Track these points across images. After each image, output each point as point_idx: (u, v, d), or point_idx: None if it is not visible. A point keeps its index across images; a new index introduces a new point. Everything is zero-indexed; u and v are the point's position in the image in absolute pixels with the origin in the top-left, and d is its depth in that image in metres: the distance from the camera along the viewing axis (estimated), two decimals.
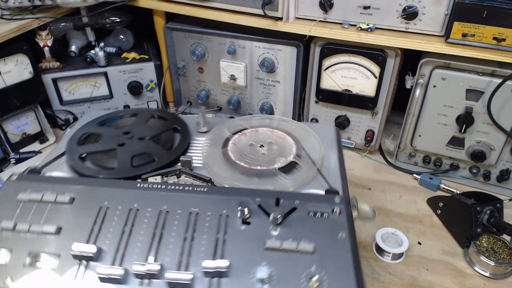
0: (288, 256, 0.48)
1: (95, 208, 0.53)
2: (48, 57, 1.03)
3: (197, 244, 0.49)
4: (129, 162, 0.64)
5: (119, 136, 0.69)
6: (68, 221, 0.52)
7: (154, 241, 0.50)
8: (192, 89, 1.16)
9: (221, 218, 0.52)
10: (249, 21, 0.93)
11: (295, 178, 0.62)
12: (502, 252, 0.75)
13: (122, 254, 0.48)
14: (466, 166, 0.94)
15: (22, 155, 0.97)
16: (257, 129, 0.74)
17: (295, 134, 0.72)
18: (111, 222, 0.52)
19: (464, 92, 0.84)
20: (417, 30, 0.85)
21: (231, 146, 0.69)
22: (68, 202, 0.54)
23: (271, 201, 0.54)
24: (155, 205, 0.53)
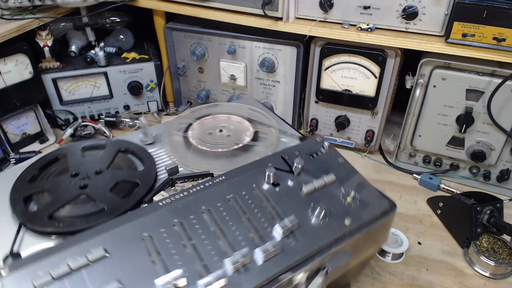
0: (323, 192, 0.57)
1: (138, 244, 0.47)
2: (48, 57, 1.03)
3: (256, 220, 0.52)
4: (113, 196, 0.58)
5: (70, 181, 0.61)
6: (121, 270, 0.45)
7: (219, 238, 0.49)
8: (192, 89, 1.16)
9: (256, 191, 0.56)
10: (249, 21, 0.93)
11: (268, 143, 0.71)
12: (502, 252, 0.75)
13: (204, 264, 0.46)
14: (466, 166, 0.94)
15: (22, 155, 0.97)
16: (202, 120, 0.78)
17: (236, 112, 0.80)
18: (165, 246, 0.47)
19: (464, 92, 0.84)
20: (417, 30, 0.85)
21: (194, 141, 0.72)
22: (103, 255, 0.46)
23: (278, 162, 0.60)
24: (194, 210, 0.52)
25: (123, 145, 0.69)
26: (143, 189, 0.60)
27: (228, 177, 0.57)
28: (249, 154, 0.69)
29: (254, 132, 0.74)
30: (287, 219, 0.51)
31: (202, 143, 0.71)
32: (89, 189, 0.60)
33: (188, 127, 0.76)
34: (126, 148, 0.69)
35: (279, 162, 0.60)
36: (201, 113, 0.80)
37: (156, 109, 1.17)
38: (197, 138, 0.72)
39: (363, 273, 0.73)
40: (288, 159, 0.60)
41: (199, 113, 0.80)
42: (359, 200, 0.58)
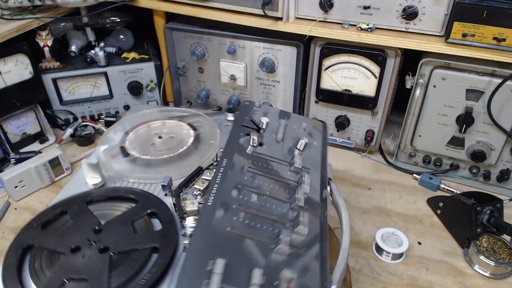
0: (287, 131, 0.70)
1: (231, 238, 0.48)
2: (48, 57, 1.03)
3: (276, 171, 0.60)
4: (149, 233, 0.54)
5: (76, 258, 0.50)
6: (245, 264, 0.46)
7: (273, 192, 0.56)
8: (192, 89, 1.16)
9: (255, 155, 0.62)
10: (249, 21, 0.93)
11: (210, 127, 0.75)
12: (502, 252, 0.75)
13: (284, 212, 0.54)
14: (466, 166, 0.94)
15: (22, 155, 0.97)
16: (133, 134, 0.74)
17: (158, 117, 0.79)
18: (249, 225, 0.50)
19: (464, 92, 0.84)
20: (417, 30, 0.85)
21: (151, 158, 0.68)
22: (225, 263, 0.45)
23: (243, 130, 0.67)
24: (237, 192, 0.55)
25: (85, 197, 0.59)
26: (163, 212, 0.56)
27: (227, 157, 0.60)
28: (204, 142, 0.72)
29: (188, 124, 0.76)
30: (297, 160, 0.63)
31: (158, 154, 0.68)
32: (112, 247, 0.51)
33: (124, 150, 0.70)
34: (92, 197, 0.59)
35: (244, 130, 0.67)
36: (117, 137, 0.74)
37: None
38: (147, 153, 0.69)
39: (363, 273, 0.73)
40: (247, 125, 0.68)
41: (117, 137, 0.74)
42: (306, 128, 0.72)
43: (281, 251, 0.48)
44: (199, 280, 0.43)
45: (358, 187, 0.94)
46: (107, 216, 0.57)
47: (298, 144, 0.67)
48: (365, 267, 0.74)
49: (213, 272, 0.43)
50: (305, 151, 0.66)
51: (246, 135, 0.66)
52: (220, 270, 0.44)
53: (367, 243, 0.79)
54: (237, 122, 0.69)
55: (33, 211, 0.86)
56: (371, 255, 0.77)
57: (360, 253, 0.77)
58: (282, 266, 0.47)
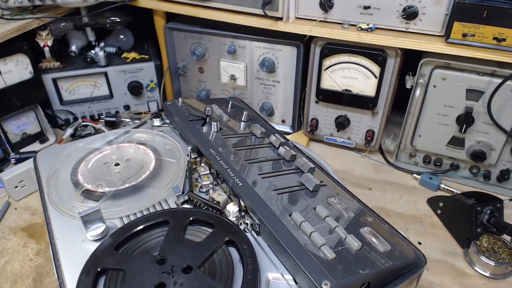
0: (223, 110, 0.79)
1: (303, 215, 0.52)
2: (48, 57, 1.03)
3: (256, 143, 0.69)
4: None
5: (151, 270, 0.47)
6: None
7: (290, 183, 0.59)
8: (192, 89, 1.16)
9: (228, 137, 0.70)
10: (249, 21, 0.93)
11: (152, 136, 0.74)
12: (502, 252, 0.75)
13: (304, 175, 0.60)
14: (466, 166, 0.94)
15: (22, 155, 0.97)
16: (81, 166, 0.66)
17: (99, 145, 0.71)
18: (301, 204, 0.55)
19: (464, 92, 0.84)
20: (417, 30, 0.85)
21: (121, 188, 0.60)
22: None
23: (195, 123, 0.73)
24: (251, 173, 0.60)
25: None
26: (219, 225, 0.52)
27: (211, 147, 0.65)
28: (165, 151, 0.70)
29: (136, 144, 0.70)
30: (256, 130, 0.71)
31: (131, 180, 0.62)
32: None
33: (91, 194, 0.60)
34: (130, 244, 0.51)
35: (196, 124, 0.72)
36: (68, 192, 0.62)
37: (156, 109, 1.18)
38: (123, 186, 0.61)
39: None
40: (194, 119, 0.74)
41: (62, 185, 0.63)
42: (233, 105, 0.83)
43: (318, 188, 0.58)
44: (298, 233, 0.49)
45: (358, 187, 0.94)
46: (151, 247, 0.51)
47: (243, 116, 0.75)
48: None
49: (299, 222, 0.50)
50: (249, 121, 0.75)
51: (202, 126, 0.72)
52: (302, 218, 0.51)
53: None
54: (183, 119, 0.73)
55: (33, 211, 0.86)
56: None
57: None
58: (326, 196, 0.57)
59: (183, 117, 0.74)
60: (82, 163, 0.66)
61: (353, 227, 0.52)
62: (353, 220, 0.53)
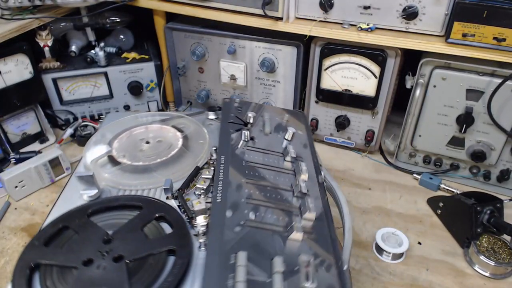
0: (272, 122, 0.72)
1: (247, 231, 0.49)
2: (48, 57, 1.03)
3: (273, 161, 0.63)
4: (162, 236, 0.53)
5: (91, 270, 0.48)
6: (265, 255, 0.47)
7: (275, 182, 0.58)
8: (192, 89, 1.16)
9: (250, 149, 0.64)
10: (249, 21, 0.93)
11: (195, 127, 0.75)
12: (502, 252, 0.75)
13: (290, 198, 0.56)
14: (466, 166, 0.94)
15: (22, 155, 0.97)
16: (117, 141, 0.71)
17: (137, 123, 0.77)
18: (261, 216, 0.52)
19: (464, 92, 0.84)
20: (417, 30, 0.85)
21: (142, 163, 0.65)
22: (247, 255, 0.46)
23: (232, 127, 0.68)
24: (241, 187, 0.56)
25: (83, 210, 0.56)
26: (170, 214, 0.55)
27: (224, 153, 0.62)
28: (193, 141, 0.72)
29: (173, 127, 0.75)
30: (291, 150, 0.64)
31: (149, 160, 0.67)
32: (127, 255, 0.50)
33: (112, 159, 0.67)
34: (92, 209, 0.57)
35: (232, 127, 0.68)
36: (101, 147, 0.71)
37: (156, 109, 1.18)
38: (139, 162, 0.66)
39: (363, 273, 0.73)
40: (234, 121, 0.70)
41: (100, 147, 0.71)
42: (288, 117, 0.75)
43: (295, 237, 0.50)
44: (224, 274, 0.44)
45: (358, 187, 0.94)
46: (113, 225, 0.54)
47: (286, 134, 0.69)
48: (365, 267, 0.74)
49: (237, 265, 0.45)
50: (293, 141, 0.69)
51: (236, 131, 0.67)
52: (244, 262, 0.45)
53: (367, 243, 0.79)
54: (224, 120, 0.70)
55: (33, 211, 0.86)
56: (371, 255, 0.77)
57: (360, 253, 0.77)
58: (299, 251, 0.49)
59: (225, 117, 0.71)
60: (125, 133, 0.74)
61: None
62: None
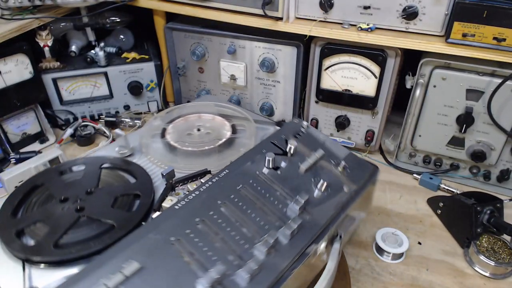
0: (316, 167, 0.63)
1: (168, 249, 0.47)
2: (48, 57, 1.03)
3: (270, 203, 0.55)
4: (119, 211, 0.57)
5: (61, 208, 0.57)
6: (160, 278, 0.45)
7: (243, 227, 0.52)
8: (192, 89, 1.16)
9: (260, 177, 0.59)
10: (249, 21, 0.93)
11: (249, 135, 0.74)
12: (502, 252, 0.75)
13: (238, 255, 0.48)
14: (466, 166, 0.94)
15: (22, 155, 0.97)
16: (177, 122, 0.79)
17: (206, 110, 0.82)
18: (196, 245, 0.48)
19: (464, 92, 0.84)
20: (417, 30, 0.85)
21: (179, 143, 0.72)
22: (138, 268, 0.45)
23: (270, 148, 0.64)
24: (212, 207, 0.53)
25: (103, 161, 0.67)
26: (146, 198, 0.59)
27: (231, 169, 0.59)
28: (234, 147, 0.72)
29: (231, 125, 0.77)
30: (299, 196, 0.55)
31: (185, 145, 0.72)
32: (87, 210, 0.57)
33: (163, 132, 0.76)
34: (108, 163, 0.66)
35: (270, 148, 0.64)
36: (170, 116, 0.80)
37: (156, 109, 1.17)
38: (179, 141, 0.73)
39: (363, 273, 0.73)
40: (278, 143, 0.65)
41: (168, 117, 0.80)
42: (348, 168, 0.64)
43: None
44: (103, 274, 0.43)
45: None
46: (106, 183, 0.63)
47: (319, 184, 0.59)
48: (365, 267, 0.74)
49: (121, 271, 0.43)
50: (325, 193, 0.59)
51: (269, 153, 0.61)
52: (129, 272, 0.43)
53: (367, 243, 0.79)
54: (270, 138, 0.66)
55: None
56: (371, 255, 0.77)
57: (360, 253, 0.77)
58: None
59: (274, 136, 0.66)
60: (184, 117, 0.80)
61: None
62: None
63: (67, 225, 0.55)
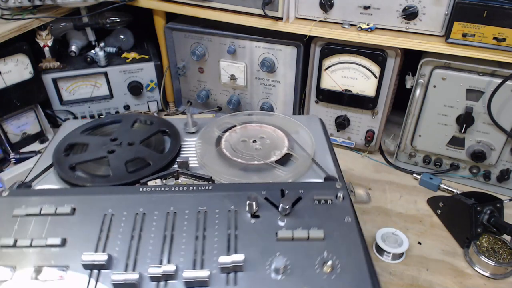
0: (300, 245, 0.49)
1: (99, 217, 0.52)
2: (48, 57, 1.03)
3: (210, 242, 0.50)
4: (123, 168, 0.63)
5: (106, 144, 0.68)
6: (73, 232, 0.51)
7: (165, 243, 0.49)
8: (192, 89, 1.16)
9: (230, 214, 0.53)
10: (249, 21, 0.93)
11: (292, 169, 0.64)
12: (502, 252, 0.75)
13: (134, 259, 0.48)
14: (466, 166, 0.94)
15: (22, 155, 0.97)
16: (246, 126, 0.75)
17: (284, 127, 0.74)
18: (118, 229, 0.51)
19: (464, 92, 0.84)
20: (417, 30, 0.85)
21: (224, 144, 0.70)
22: (69, 213, 0.53)
23: (276, 193, 0.55)
24: (162, 208, 0.53)
25: (166, 126, 0.73)
26: (150, 170, 0.62)
27: (214, 189, 0.56)
28: (266, 173, 0.63)
29: (285, 154, 0.66)
30: (236, 255, 0.47)
31: (228, 148, 0.69)
32: (113, 155, 0.65)
33: (230, 128, 0.74)
34: (166, 130, 0.73)
35: (275, 194, 0.55)
36: (249, 118, 0.77)
37: (156, 109, 1.17)
38: (229, 141, 0.71)
39: None
40: (287, 194, 0.55)
41: (247, 118, 0.77)
42: (337, 274, 0.46)
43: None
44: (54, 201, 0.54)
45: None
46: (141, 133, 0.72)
47: (275, 263, 0.47)
48: None
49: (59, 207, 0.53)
50: (279, 276, 0.46)
51: (267, 200, 0.54)
52: (60, 210, 0.53)
53: (367, 243, 0.79)
54: (287, 186, 0.57)
55: None
56: (371, 255, 0.77)
57: None
58: None
59: (289, 186, 0.57)
60: (241, 126, 0.75)
61: None
62: None
63: (91, 158, 0.65)
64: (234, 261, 0.46)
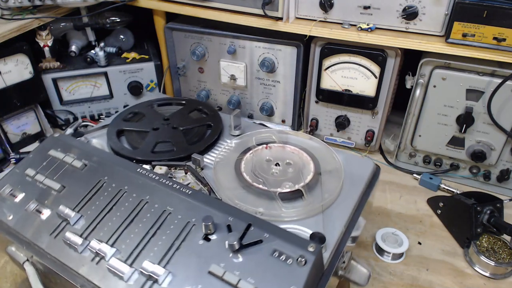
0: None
1: (95, 180, 0.59)
2: (48, 57, 1.03)
3: (154, 242, 0.51)
4: (151, 146, 0.69)
5: (158, 121, 0.76)
6: (71, 184, 0.59)
7: (122, 225, 0.53)
8: (192, 89, 1.16)
9: (187, 226, 0.51)
10: (249, 21, 0.93)
11: (292, 208, 0.58)
12: (502, 252, 0.75)
13: (94, 227, 0.54)
14: (466, 166, 0.94)
15: (22, 155, 0.97)
16: (284, 146, 0.70)
17: (322, 159, 0.66)
18: (100, 196, 0.57)
19: (464, 92, 0.84)
20: (417, 30, 0.85)
21: (248, 156, 0.67)
22: (79, 168, 0.61)
23: (244, 225, 0.50)
24: (140, 193, 0.56)
25: (214, 122, 0.77)
26: (169, 156, 0.67)
27: (192, 196, 0.54)
28: (264, 200, 0.59)
29: (296, 189, 0.60)
30: (158, 267, 0.46)
31: (248, 163, 0.66)
32: (154, 132, 0.73)
33: (264, 143, 0.70)
34: (212, 125, 0.76)
35: (243, 225, 0.50)
36: (293, 139, 0.72)
37: None
38: (254, 157, 0.67)
39: None
40: (252, 230, 0.49)
41: (291, 138, 0.72)
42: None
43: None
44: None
45: None
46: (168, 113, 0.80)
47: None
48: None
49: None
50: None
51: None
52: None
53: (367, 243, 0.79)
54: (255, 221, 0.51)
55: None
56: (371, 255, 0.77)
57: (360, 253, 0.77)
58: None
59: (259, 224, 0.51)
60: (262, 148, 0.71)
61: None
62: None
63: (182, 136, 0.72)
64: (153, 272, 0.46)
